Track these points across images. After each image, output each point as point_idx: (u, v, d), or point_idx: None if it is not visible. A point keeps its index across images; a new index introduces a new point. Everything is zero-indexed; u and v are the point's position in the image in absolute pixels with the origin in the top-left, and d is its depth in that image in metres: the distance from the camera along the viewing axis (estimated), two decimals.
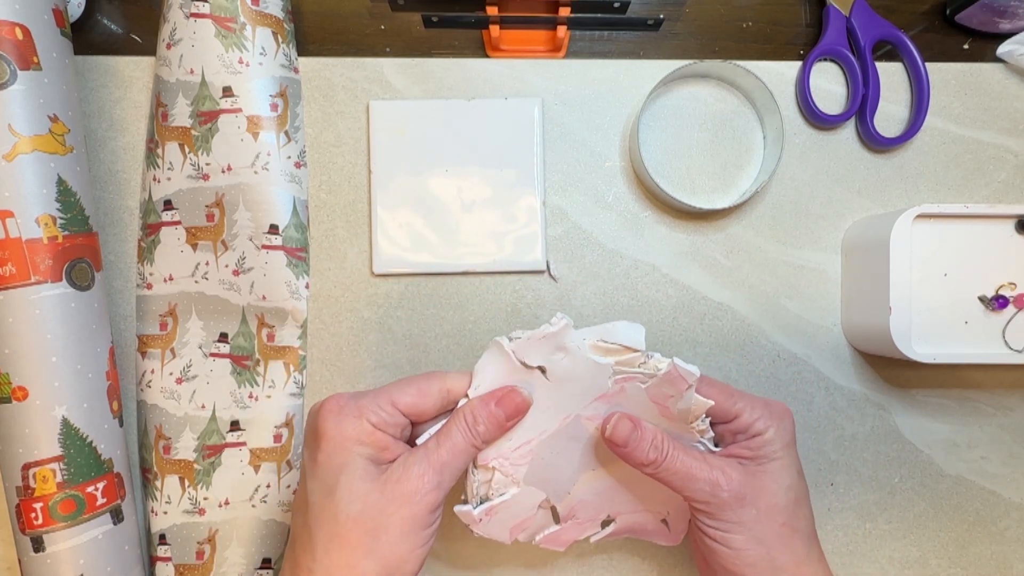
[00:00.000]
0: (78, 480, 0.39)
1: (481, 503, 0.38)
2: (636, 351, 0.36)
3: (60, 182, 0.39)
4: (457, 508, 0.38)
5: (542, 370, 0.36)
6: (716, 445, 0.38)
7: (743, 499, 0.34)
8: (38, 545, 0.38)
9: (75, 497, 0.38)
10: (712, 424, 0.38)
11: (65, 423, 0.38)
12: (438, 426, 0.36)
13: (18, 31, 0.38)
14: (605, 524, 0.41)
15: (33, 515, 0.38)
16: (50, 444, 0.38)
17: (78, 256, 0.40)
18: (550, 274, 0.47)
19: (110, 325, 0.43)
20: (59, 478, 0.38)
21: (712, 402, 0.36)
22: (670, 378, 0.35)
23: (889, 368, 0.47)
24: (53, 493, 0.38)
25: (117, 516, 0.41)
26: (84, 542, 0.39)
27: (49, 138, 0.39)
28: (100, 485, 0.40)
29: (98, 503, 0.39)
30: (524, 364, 0.35)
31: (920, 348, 0.42)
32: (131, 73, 0.47)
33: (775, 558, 0.35)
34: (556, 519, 0.40)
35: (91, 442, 0.39)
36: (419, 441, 0.35)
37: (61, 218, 0.39)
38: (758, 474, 0.35)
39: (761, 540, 0.35)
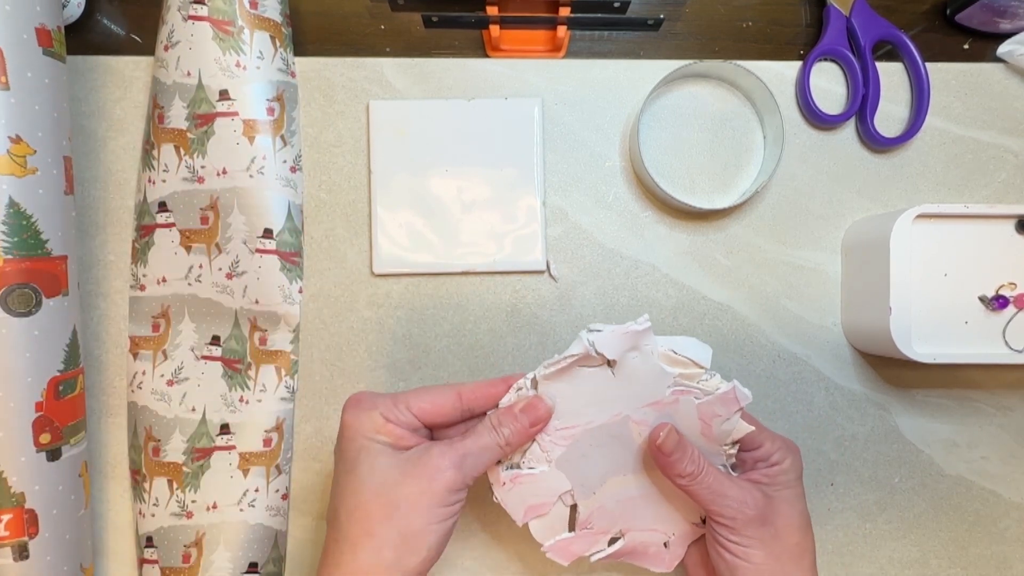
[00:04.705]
0: None
1: (510, 468, 0.39)
2: (701, 368, 0.37)
3: (11, 204, 0.37)
4: None
5: (610, 364, 0.37)
6: (733, 469, 0.40)
7: (765, 518, 0.37)
8: None
9: None
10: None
11: None
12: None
13: None
14: (612, 541, 0.41)
15: None
16: None
17: (22, 281, 0.38)
18: (550, 274, 0.47)
19: (68, 350, 0.40)
20: None
21: (753, 428, 0.38)
22: (726, 398, 0.37)
23: (889, 368, 0.47)
24: None
25: (21, 553, 0.38)
26: None
27: (6, 159, 0.37)
28: (3, 518, 0.37)
29: None
30: (601, 355, 0.36)
31: (920, 348, 0.41)
32: (131, 73, 0.46)
33: (788, 573, 0.37)
34: (571, 525, 0.40)
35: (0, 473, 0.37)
36: None
37: (5, 242, 0.37)
38: (775, 499, 0.38)
39: (778, 557, 0.37)
